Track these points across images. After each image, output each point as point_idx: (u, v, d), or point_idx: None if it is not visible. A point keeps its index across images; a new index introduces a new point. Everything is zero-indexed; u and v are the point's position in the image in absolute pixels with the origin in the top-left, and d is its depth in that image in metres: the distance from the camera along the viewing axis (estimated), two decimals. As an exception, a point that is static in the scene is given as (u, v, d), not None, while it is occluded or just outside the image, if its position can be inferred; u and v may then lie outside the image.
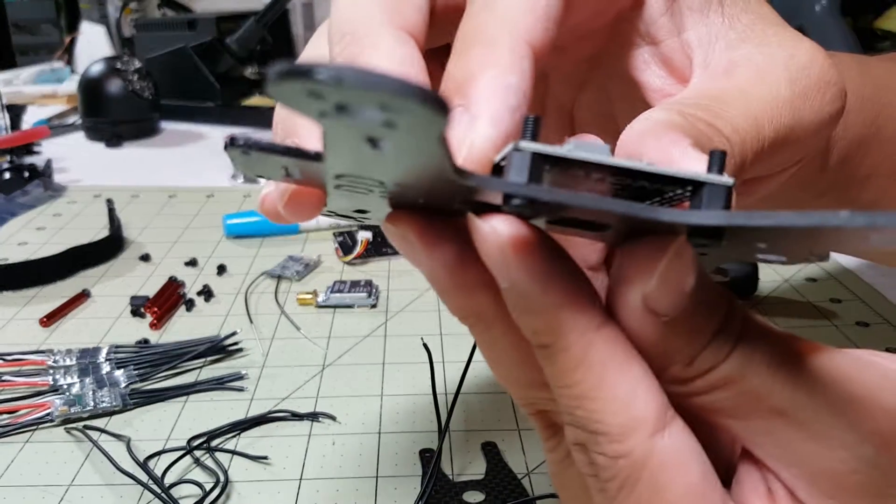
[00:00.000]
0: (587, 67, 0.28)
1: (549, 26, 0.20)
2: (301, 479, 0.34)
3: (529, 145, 0.15)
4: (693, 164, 0.18)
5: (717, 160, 0.16)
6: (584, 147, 0.16)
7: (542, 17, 0.20)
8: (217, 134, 0.98)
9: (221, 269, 0.56)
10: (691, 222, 0.14)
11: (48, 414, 0.38)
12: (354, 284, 0.51)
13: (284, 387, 0.41)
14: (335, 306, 0.50)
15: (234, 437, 0.37)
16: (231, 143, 0.16)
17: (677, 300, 0.17)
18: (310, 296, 0.51)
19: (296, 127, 0.21)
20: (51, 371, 0.41)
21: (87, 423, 0.38)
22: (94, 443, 0.36)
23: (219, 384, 0.41)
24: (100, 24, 1.33)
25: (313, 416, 0.39)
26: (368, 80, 0.11)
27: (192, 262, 0.57)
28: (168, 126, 1.03)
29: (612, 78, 0.27)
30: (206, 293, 0.52)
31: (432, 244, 0.18)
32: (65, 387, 0.40)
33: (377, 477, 0.34)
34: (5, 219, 0.68)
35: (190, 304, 0.50)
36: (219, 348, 0.44)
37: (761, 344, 0.18)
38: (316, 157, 0.15)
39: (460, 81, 0.19)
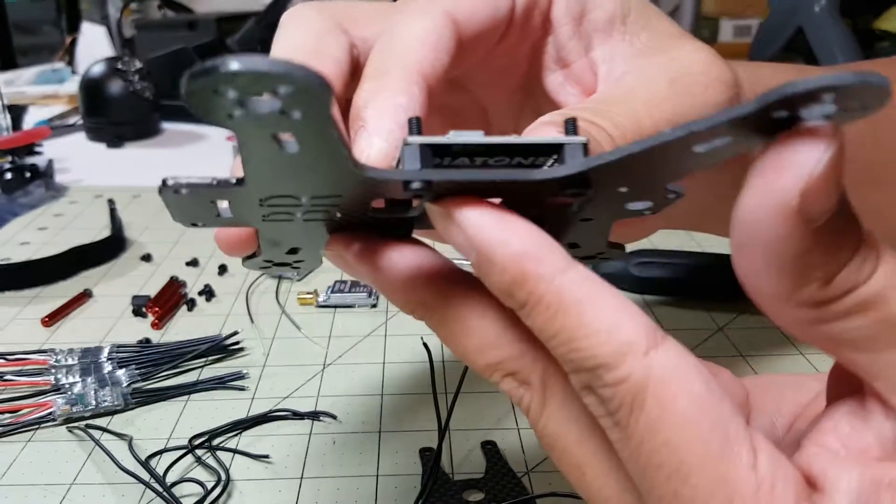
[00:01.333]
0: (520, 97, 0.31)
1: (438, 56, 0.24)
2: (302, 477, 0.35)
3: (416, 139, 0.18)
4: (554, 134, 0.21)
5: (571, 126, 0.19)
6: (463, 134, 0.18)
7: (431, 50, 0.24)
8: (218, 134, 0.98)
9: (222, 269, 0.56)
10: (558, 175, 0.17)
11: (50, 413, 0.38)
12: (355, 284, 0.52)
13: (285, 386, 0.42)
14: (336, 306, 0.51)
15: (235, 436, 0.37)
16: (163, 186, 0.18)
17: (833, 199, 0.16)
18: (310, 295, 0.51)
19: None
20: (53, 370, 0.42)
21: (89, 422, 0.38)
22: (96, 442, 0.37)
23: (220, 383, 0.41)
24: (100, 24, 1.33)
25: (314, 416, 0.39)
26: (251, 63, 0.13)
27: (194, 262, 0.58)
28: (169, 126, 1.03)
29: (541, 103, 0.30)
30: (208, 293, 0.52)
31: (367, 260, 0.21)
32: (67, 386, 0.40)
33: (377, 475, 0.35)
34: (7, 219, 0.68)
35: (191, 304, 0.51)
36: (220, 348, 0.44)
37: None
38: (238, 182, 0.18)
39: (359, 106, 0.23)
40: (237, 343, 0.45)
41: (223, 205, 0.19)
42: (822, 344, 0.18)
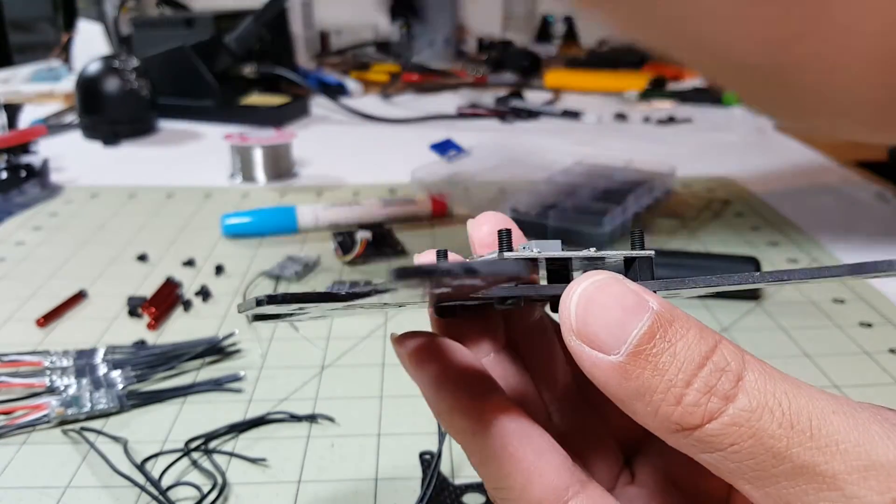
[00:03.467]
0: None
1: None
2: (300, 481, 0.34)
3: (510, 255, 0.20)
4: None
5: (638, 238, 0.21)
6: (546, 245, 0.20)
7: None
8: (215, 133, 0.97)
9: (219, 270, 0.56)
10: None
11: (45, 415, 0.38)
12: (354, 285, 0.51)
13: (283, 388, 0.41)
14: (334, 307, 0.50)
15: (232, 438, 0.37)
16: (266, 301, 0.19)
17: (609, 332, 0.17)
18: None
19: None
20: (47, 372, 0.41)
21: (84, 424, 0.38)
22: (91, 444, 0.36)
23: (217, 385, 0.41)
24: (97, 22, 1.32)
25: (312, 418, 0.38)
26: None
27: (190, 262, 0.57)
28: (166, 125, 1.03)
29: None
30: (204, 294, 0.52)
31: (418, 363, 0.23)
32: (61, 388, 0.40)
33: (376, 479, 0.34)
34: (2, 218, 0.67)
35: (188, 305, 0.50)
36: (217, 349, 0.44)
37: (771, 389, 0.17)
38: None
39: None
40: (234, 344, 0.45)
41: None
42: (727, 477, 0.18)
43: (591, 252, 0.20)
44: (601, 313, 0.17)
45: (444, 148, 0.80)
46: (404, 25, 1.43)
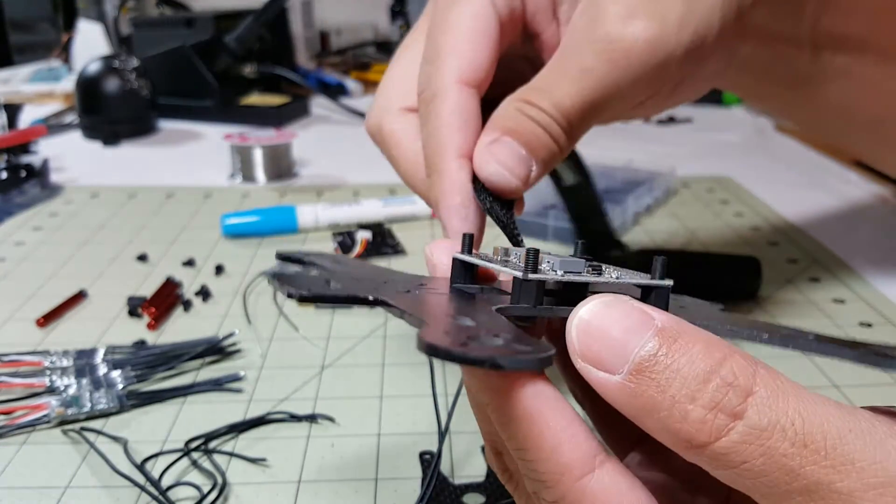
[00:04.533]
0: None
1: (473, 138, 0.29)
2: (300, 481, 0.34)
3: (534, 276, 0.20)
4: (487, 159, 0.28)
5: (660, 267, 0.21)
6: (569, 264, 0.21)
7: (469, 134, 0.29)
8: (215, 132, 0.97)
9: (219, 270, 0.56)
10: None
11: (45, 415, 0.38)
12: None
13: (283, 388, 0.41)
14: (334, 307, 0.50)
15: (232, 438, 0.37)
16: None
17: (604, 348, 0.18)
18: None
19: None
20: (47, 372, 0.41)
21: (84, 424, 0.38)
22: (91, 444, 0.36)
23: (217, 385, 0.41)
24: (97, 22, 1.32)
25: (312, 418, 0.38)
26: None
27: (190, 262, 0.57)
28: (166, 125, 1.03)
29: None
30: (204, 293, 0.51)
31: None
32: (61, 388, 0.40)
33: (376, 479, 0.34)
34: (1, 218, 0.67)
35: (188, 305, 0.50)
36: (217, 349, 0.44)
37: (782, 406, 0.17)
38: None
39: (433, 203, 0.30)
40: (234, 344, 0.45)
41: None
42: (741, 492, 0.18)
43: (611, 278, 0.21)
44: (603, 334, 0.18)
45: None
46: (404, 25, 1.43)
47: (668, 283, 0.21)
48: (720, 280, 0.50)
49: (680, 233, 0.63)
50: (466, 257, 0.24)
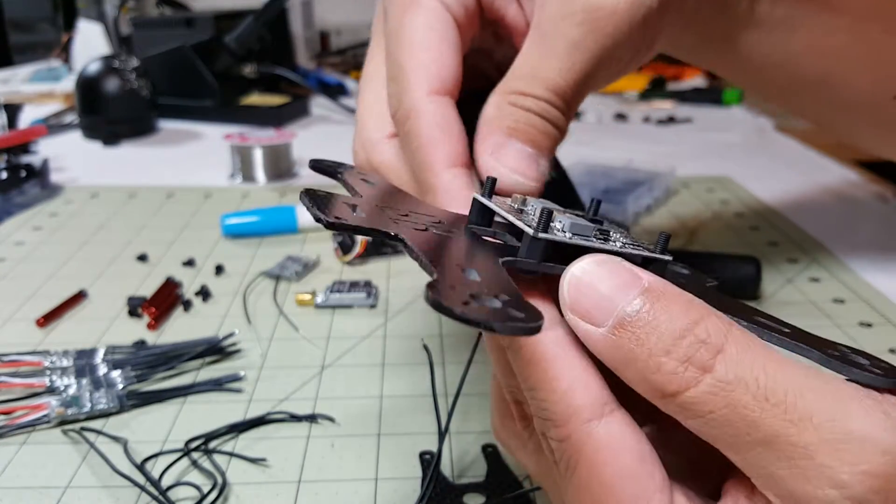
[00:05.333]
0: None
1: (459, 146, 0.29)
2: (300, 481, 0.34)
3: (544, 235, 0.21)
4: (497, 167, 0.27)
5: (663, 241, 0.23)
6: (578, 227, 0.22)
7: (454, 143, 0.29)
8: (215, 132, 0.97)
9: (219, 270, 0.56)
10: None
11: (45, 415, 0.38)
12: (354, 285, 0.51)
13: (283, 388, 0.41)
14: (334, 307, 0.50)
15: (232, 438, 0.37)
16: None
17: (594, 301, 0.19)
18: (308, 296, 0.50)
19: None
20: (47, 372, 0.41)
21: (84, 424, 0.38)
22: (91, 444, 0.36)
23: (217, 385, 0.41)
24: (97, 22, 1.32)
25: (312, 418, 0.38)
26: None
27: (190, 262, 0.57)
28: (166, 125, 1.03)
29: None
30: (204, 293, 0.51)
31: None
32: (61, 388, 0.40)
33: (376, 479, 0.34)
34: (1, 218, 0.67)
35: (187, 305, 0.50)
36: (217, 349, 0.44)
37: (749, 363, 0.18)
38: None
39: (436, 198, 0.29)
40: (234, 344, 0.45)
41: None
42: (698, 433, 0.19)
43: (616, 246, 0.22)
44: (592, 290, 0.19)
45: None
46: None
47: (668, 258, 0.22)
48: (720, 280, 0.50)
49: (680, 233, 0.63)
50: (485, 200, 0.24)
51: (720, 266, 0.51)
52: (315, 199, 0.22)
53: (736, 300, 0.24)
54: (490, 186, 0.25)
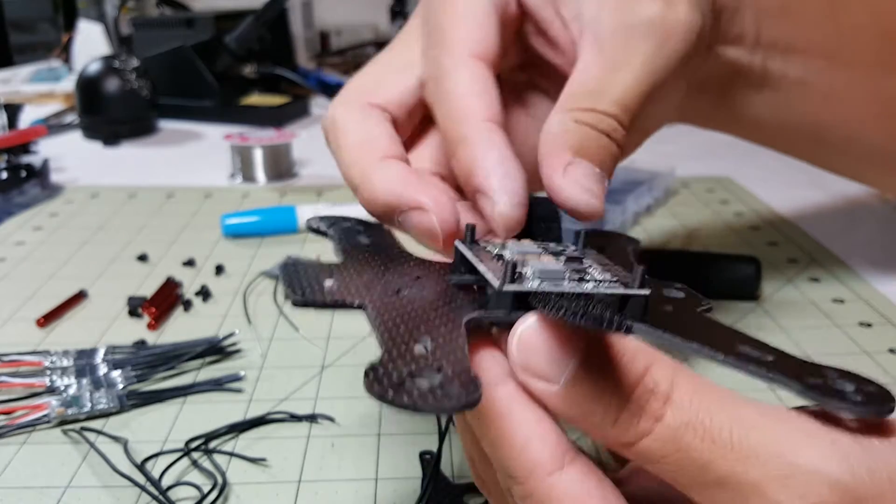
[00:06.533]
0: (522, 74, 0.35)
1: (497, 108, 0.27)
2: (300, 481, 0.34)
3: (510, 287, 0.21)
4: (568, 186, 0.25)
5: (640, 275, 0.22)
6: (547, 273, 0.22)
7: (493, 102, 0.27)
8: (215, 133, 0.97)
9: (219, 270, 0.56)
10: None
11: (45, 415, 0.38)
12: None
13: (283, 388, 0.41)
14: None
15: (232, 438, 0.37)
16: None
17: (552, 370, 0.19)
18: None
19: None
20: (47, 372, 0.41)
21: (84, 424, 0.38)
22: (92, 444, 0.36)
23: (217, 385, 0.41)
24: (97, 22, 1.32)
25: (312, 418, 0.38)
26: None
27: (190, 262, 0.57)
28: (166, 125, 1.03)
29: (539, 71, 0.34)
30: (204, 293, 0.52)
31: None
32: (62, 388, 0.40)
33: (377, 479, 0.34)
34: (2, 218, 0.67)
35: (188, 305, 0.50)
36: (217, 349, 0.44)
37: (696, 407, 0.18)
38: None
39: (465, 175, 0.26)
40: (234, 344, 0.45)
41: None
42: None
43: (589, 288, 0.22)
44: (538, 351, 0.19)
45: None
46: (404, 25, 1.43)
47: (645, 292, 0.22)
48: (720, 280, 0.50)
49: (680, 233, 0.63)
50: (464, 248, 0.24)
51: (720, 266, 0.51)
52: (291, 273, 0.23)
53: (724, 327, 0.23)
54: (471, 234, 0.24)
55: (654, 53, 0.27)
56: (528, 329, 0.20)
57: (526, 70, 0.34)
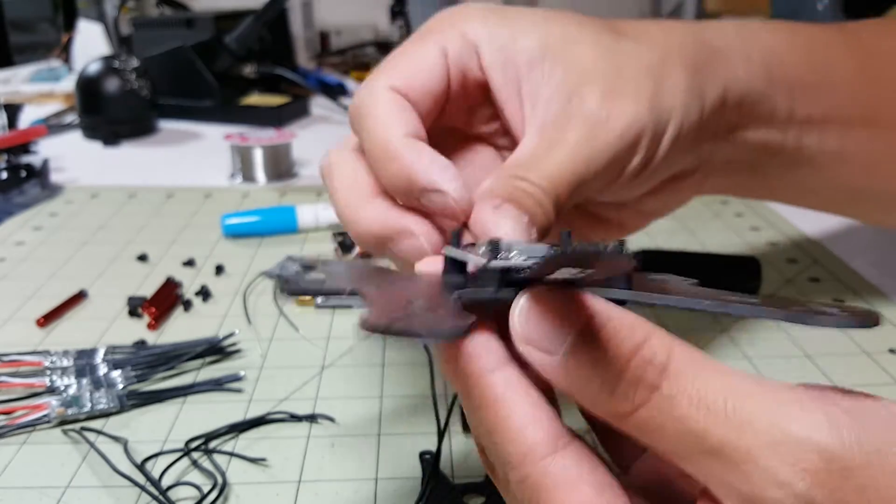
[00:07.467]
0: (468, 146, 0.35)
1: (418, 127, 0.29)
2: (300, 481, 0.34)
3: (497, 263, 0.21)
4: (502, 221, 0.26)
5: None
6: (531, 251, 0.22)
7: (413, 121, 0.29)
8: (215, 133, 0.97)
9: (219, 270, 0.56)
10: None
11: (45, 415, 0.38)
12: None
13: (283, 388, 0.41)
14: (334, 307, 0.50)
15: (232, 438, 0.37)
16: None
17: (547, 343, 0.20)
18: (309, 296, 0.50)
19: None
20: (48, 372, 0.41)
21: (85, 424, 0.38)
22: (92, 444, 0.36)
23: (217, 385, 0.41)
24: (97, 22, 1.32)
25: (312, 418, 0.38)
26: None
27: (190, 262, 0.57)
28: (166, 125, 1.03)
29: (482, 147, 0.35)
30: (204, 293, 0.52)
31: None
32: (62, 388, 0.40)
33: (376, 479, 0.34)
34: (2, 218, 0.67)
35: (188, 305, 0.50)
36: (217, 349, 0.44)
37: (692, 377, 0.19)
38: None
39: (406, 184, 0.28)
40: (234, 344, 0.45)
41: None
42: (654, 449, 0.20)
43: (571, 274, 0.21)
44: (539, 323, 0.20)
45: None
46: (404, 25, 1.43)
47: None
48: (720, 280, 0.50)
49: (680, 233, 0.63)
50: (451, 250, 0.24)
51: (720, 266, 0.51)
52: (284, 266, 0.24)
53: (710, 290, 0.23)
54: (457, 239, 0.25)
55: (583, 143, 0.29)
56: (528, 301, 0.20)
57: (490, 123, 0.34)
